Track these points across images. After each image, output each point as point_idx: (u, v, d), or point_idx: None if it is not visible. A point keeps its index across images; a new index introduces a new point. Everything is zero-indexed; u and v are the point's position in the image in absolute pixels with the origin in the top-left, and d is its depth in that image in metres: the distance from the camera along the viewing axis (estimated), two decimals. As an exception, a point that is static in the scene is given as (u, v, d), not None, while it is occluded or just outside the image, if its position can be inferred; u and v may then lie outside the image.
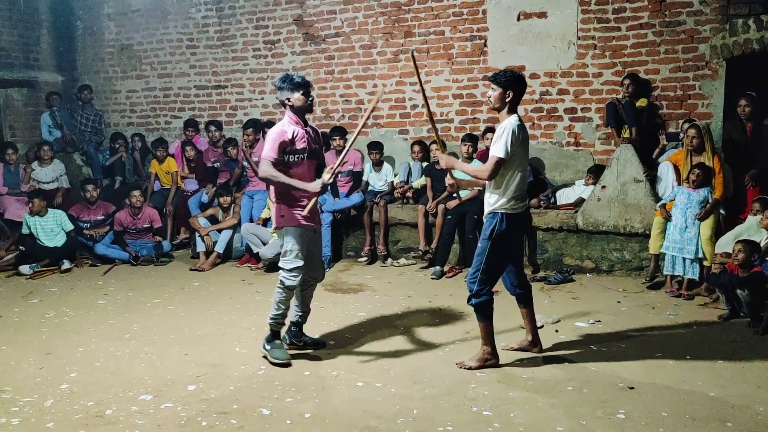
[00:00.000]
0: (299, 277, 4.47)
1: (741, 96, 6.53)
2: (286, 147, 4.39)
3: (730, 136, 6.70)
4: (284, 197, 4.46)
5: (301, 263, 4.45)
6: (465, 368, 4.32)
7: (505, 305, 5.07)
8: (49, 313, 5.85)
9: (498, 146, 4.13)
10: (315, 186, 4.40)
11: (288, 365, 4.44)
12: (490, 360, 4.35)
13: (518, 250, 4.60)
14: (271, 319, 4.57)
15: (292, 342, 4.76)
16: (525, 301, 4.57)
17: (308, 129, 4.59)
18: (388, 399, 3.93)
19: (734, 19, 6.55)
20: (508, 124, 4.15)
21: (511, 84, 4.18)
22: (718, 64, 6.77)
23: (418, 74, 4.51)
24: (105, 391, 4.10)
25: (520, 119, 4.22)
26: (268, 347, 4.55)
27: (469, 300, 4.34)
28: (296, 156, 4.45)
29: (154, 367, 4.50)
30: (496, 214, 4.24)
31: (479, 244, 4.32)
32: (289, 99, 4.47)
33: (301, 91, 4.46)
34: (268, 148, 4.38)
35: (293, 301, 4.70)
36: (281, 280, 4.47)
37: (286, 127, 4.46)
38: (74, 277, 7.28)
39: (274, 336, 4.59)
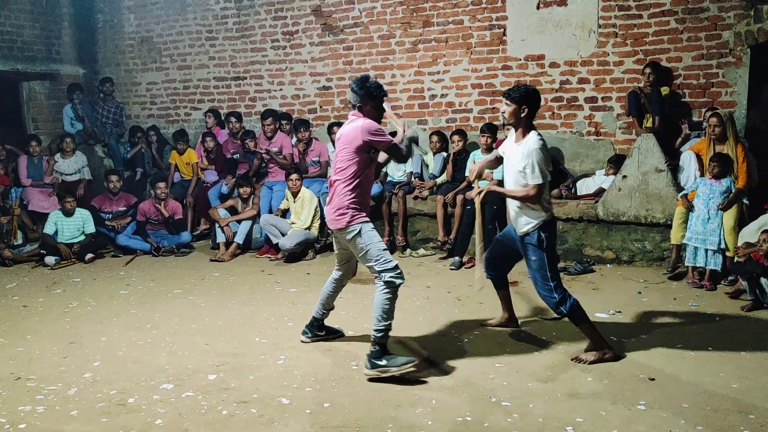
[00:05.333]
0: (402, 274, 4.19)
1: None
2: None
3: (754, 124, 6.58)
4: (360, 196, 4.25)
5: (395, 260, 4.20)
6: (584, 362, 4.20)
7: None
8: (73, 303, 5.94)
9: (536, 174, 4.13)
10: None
11: (416, 362, 4.14)
12: (608, 353, 4.25)
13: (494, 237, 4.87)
14: (380, 331, 4.11)
15: (315, 334, 4.75)
16: (502, 284, 4.82)
17: None
18: (407, 389, 3.93)
19: (759, 5, 6.42)
20: (533, 146, 4.13)
21: (526, 99, 4.16)
22: (742, 51, 6.65)
23: None
24: (127, 379, 4.16)
25: (540, 136, 4.21)
26: (383, 362, 4.05)
27: (557, 310, 4.24)
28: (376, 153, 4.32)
29: (175, 357, 4.55)
30: (538, 226, 4.25)
31: (533, 258, 4.23)
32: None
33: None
34: (384, 134, 4.26)
35: (319, 298, 4.69)
36: (389, 282, 4.10)
37: None
38: (97, 267, 7.37)
39: (384, 350, 4.13)
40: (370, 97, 4.29)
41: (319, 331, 4.77)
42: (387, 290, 4.12)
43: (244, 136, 8.52)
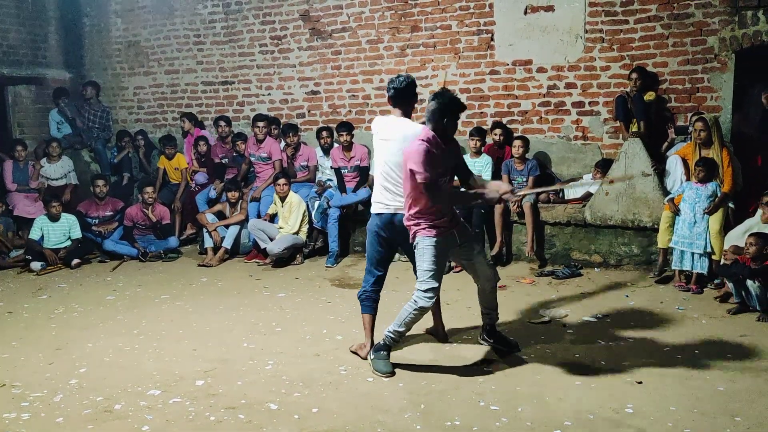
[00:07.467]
0: (434, 299, 4.14)
1: None
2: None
3: (739, 129, 6.64)
4: (427, 208, 4.09)
5: (437, 284, 4.12)
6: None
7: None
8: (59, 309, 5.89)
9: None
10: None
11: (391, 377, 4.17)
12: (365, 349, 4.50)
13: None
14: (393, 333, 4.25)
15: (485, 339, 4.63)
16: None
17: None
18: (395, 394, 3.93)
19: (743, 11, 6.49)
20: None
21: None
22: (727, 56, 6.71)
23: None
24: (114, 386, 4.13)
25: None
26: (372, 356, 4.29)
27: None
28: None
29: (162, 363, 4.52)
30: None
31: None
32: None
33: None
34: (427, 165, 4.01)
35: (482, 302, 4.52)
36: (416, 300, 4.13)
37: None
38: (83, 273, 7.31)
39: (387, 349, 4.29)
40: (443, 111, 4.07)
41: (489, 337, 4.61)
42: (414, 304, 4.15)
43: (236, 138, 8.50)
